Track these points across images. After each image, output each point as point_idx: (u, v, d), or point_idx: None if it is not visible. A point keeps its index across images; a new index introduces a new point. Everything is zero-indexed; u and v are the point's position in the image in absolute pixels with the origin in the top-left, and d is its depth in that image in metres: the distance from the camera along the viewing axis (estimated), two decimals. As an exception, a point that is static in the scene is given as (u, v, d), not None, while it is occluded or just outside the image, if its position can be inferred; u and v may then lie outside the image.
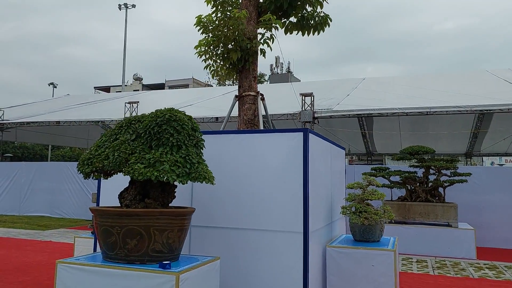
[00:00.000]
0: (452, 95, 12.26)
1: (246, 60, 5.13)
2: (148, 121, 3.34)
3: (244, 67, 5.18)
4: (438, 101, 11.69)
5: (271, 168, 3.95)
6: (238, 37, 4.91)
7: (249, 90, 5.17)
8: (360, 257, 4.21)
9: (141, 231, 3.14)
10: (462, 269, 7.13)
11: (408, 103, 11.33)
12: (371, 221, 4.33)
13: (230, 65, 5.12)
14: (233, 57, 5.00)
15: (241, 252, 3.96)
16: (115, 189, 4.54)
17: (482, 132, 20.24)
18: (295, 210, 3.82)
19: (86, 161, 3.31)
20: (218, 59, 5.29)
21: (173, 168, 3.15)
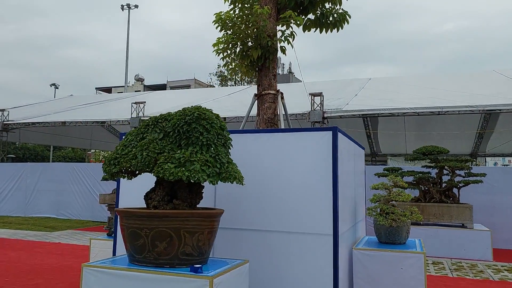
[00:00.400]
0: (462, 94, 12.15)
1: (266, 58, 5.02)
2: (177, 120, 3.23)
3: (264, 65, 5.07)
4: (449, 100, 11.58)
5: (298, 168, 3.83)
6: (259, 34, 4.80)
7: (269, 89, 5.06)
8: (388, 260, 4.10)
9: (171, 233, 3.02)
10: (480, 271, 7.01)
11: (419, 103, 11.22)
12: (399, 223, 4.22)
13: (250, 63, 5.01)
14: (254, 55, 4.89)
15: (267, 255, 3.84)
16: (135, 190, 4.43)
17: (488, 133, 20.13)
18: (324, 211, 3.70)
19: (112, 160, 3.20)
20: (236, 57, 5.18)
21: (204, 168, 3.04)
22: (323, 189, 3.72)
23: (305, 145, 3.83)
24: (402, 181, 4.53)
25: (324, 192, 3.72)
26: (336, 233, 3.65)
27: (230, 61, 5.28)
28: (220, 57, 5.26)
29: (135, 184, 4.43)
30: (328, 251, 3.66)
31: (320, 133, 3.78)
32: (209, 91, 23.05)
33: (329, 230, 3.67)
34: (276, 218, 3.86)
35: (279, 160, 3.90)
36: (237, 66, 5.29)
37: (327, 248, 3.67)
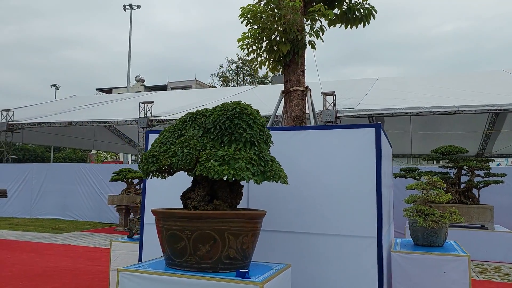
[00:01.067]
0: (474, 94, 11.99)
1: (295, 53, 4.84)
2: (217, 115, 3.04)
3: (292, 60, 4.89)
4: (461, 100, 11.42)
5: (338, 167, 3.65)
6: (288, 28, 4.62)
7: (297, 85, 4.88)
8: (430, 264, 3.91)
9: (214, 236, 2.84)
10: (506, 273, 6.83)
11: (432, 103, 11.06)
12: (440, 225, 4.03)
13: (279, 58, 4.83)
14: (283, 49, 4.71)
15: (306, 258, 3.66)
16: (161, 190, 4.25)
17: (494, 133, 19.97)
18: (367, 212, 3.52)
19: (150, 158, 3.01)
20: (263, 52, 5.00)
21: (248, 166, 2.85)
22: (366, 189, 3.54)
23: (346, 143, 3.65)
24: (440, 181, 4.35)
25: (367, 193, 3.54)
26: (380, 236, 3.47)
27: (256, 56, 5.10)
28: (245, 53, 5.08)
29: (161, 184, 4.25)
30: (372, 255, 3.48)
31: (363, 130, 3.60)
32: (216, 91, 22.88)
33: (372, 232, 3.49)
34: (315, 219, 3.67)
35: (317, 158, 3.72)
36: (262, 62, 5.11)
37: (371, 251, 3.48)
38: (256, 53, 5.08)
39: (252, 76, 46.11)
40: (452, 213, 4.17)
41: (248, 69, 46.76)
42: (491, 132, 19.58)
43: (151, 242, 4.24)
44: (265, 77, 46.52)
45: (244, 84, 45.75)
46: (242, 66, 47.17)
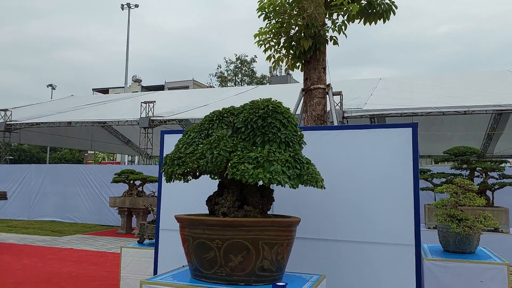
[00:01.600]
0: (483, 94, 11.81)
1: (316, 48, 4.61)
2: (248, 114, 2.80)
3: (314, 56, 4.66)
4: (470, 100, 11.23)
5: (372, 169, 3.41)
6: (310, 23, 4.38)
7: (318, 83, 4.65)
8: (466, 272, 3.68)
9: (248, 246, 2.59)
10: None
11: (438, 102, 10.86)
12: (475, 230, 3.81)
13: (299, 55, 4.59)
14: (305, 45, 4.47)
15: (337, 267, 3.41)
16: (176, 194, 4.00)
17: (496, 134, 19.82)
18: (404, 218, 3.28)
19: (176, 160, 2.76)
20: (282, 48, 4.76)
21: (284, 169, 2.61)
22: (403, 193, 3.31)
23: (380, 144, 3.41)
24: (473, 184, 4.13)
25: (404, 197, 3.30)
26: (418, 243, 3.23)
27: (274, 52, 4.86)
28: (262, 49, 4.84)
29: (176, 187, 4.00)
30: (409, 264, 3.24)
31: (398, 130, 3.37)
32: (217, 91, 22.63)
33: (410, 239, 3.25)
34: (346, 226, 3.44)
35: (348, 160, 3.48)
36: (280, 59, 4.87)
37: (409, 260, 3.24)
38: (274, 49, 4.84)
39: (250, 77, 45.89)
40: (485, 218, 3.94)
41: (247, 70, 46.53)
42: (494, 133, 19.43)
43: (167, 249, 3.99)
44: (263, 78, 46.33)
45: (242, 84, 45.49)
46: (240, 66, 46.92)
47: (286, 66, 4.89)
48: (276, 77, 58.31)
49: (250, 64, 45.76)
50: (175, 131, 4.18)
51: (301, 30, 4.52)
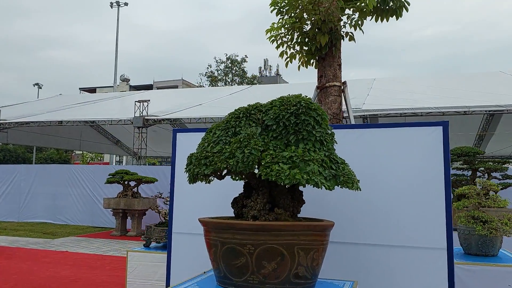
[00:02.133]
0: (482, 94, 11.84)
1: (332, 45, 4.46)
2: (279, 110, 2.62)
3: (329, 53, 4.50)
4: (468, 100, 11.24)
5: (400, 169, 3.27)
6: (330, 18, 4.23)
7: (334, 80, 4.50)
8: (493, 276, 3.56)
9: (282, 251, 2.42)
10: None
11: (436, 103, 10.83)
12: (502, 233, 3.70)
13: (315, 51, 4.43)
14: (322, 41, 4.32)
15: (364, 272, 3.26)
16: (188, 195, 3.81)
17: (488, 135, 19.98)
18: (435, 221, 3.14)
19: (203, 160, 2.57)
20: (295, 44, 4.60)
21: (320, 169, 2.44)
22: (434, 194, 3.16)
23: (408, 143, 3.27)
24: (496, 184, 4.03)
25: (435, 198, 3.16)
26: (450, 247, 3.10)
27: (286, 48, 4.70)
28: (275, 45, 4.67)
29: (188, 188, 3.81)
30: (441, 268, 3.10)
31: (428, 128, 3.23)
32: (211, 90, 22.40)
33: (442, 243, 3.11)
34: (373, 229, 3.28)
35: (375, 160, 3.33)
36: (293, 56, 4.71)
37: (440, 264, 3.11)
38: (287, 45, 4.68)
39: (241, 77, 45.70)
40: (510, 219, 3.84)
41: (237, 69, 46.33)
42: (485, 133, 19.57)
43: (180, 253, 3.80)
44: (254, 78, 46.18)
45: (232, 84, 45.27)
46: (230, 66, 46.70)
47: (299, 63, 4.72)
48: (266, 77, 58.31)
49: (240, 64, 45.56)
50: (188, 129, 3.99)
51: (316, 25, 4.36)
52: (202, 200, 3.77)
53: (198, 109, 14.51)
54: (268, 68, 65.55)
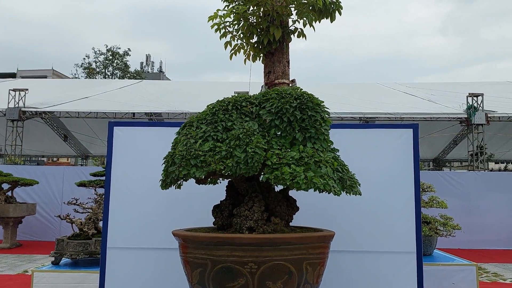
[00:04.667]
0: (382, 103, 12.93)
1: (284, 40, 4.21)
2: (281, 103, 2.26)
3: (279, 48, 4.24)
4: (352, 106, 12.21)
5: (370, 172, 3.15)
6: (285, 11, 3.97)
7: (283, 77, 4.25)
8: (439, 275, 3.70)
9: (290, 268, 2.06)
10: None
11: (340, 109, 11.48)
12: (441, 233, 3.87)
13: (266, 45, 4.13)
14: (276, 34, 4.03)
15: (334, 280, 3.07)
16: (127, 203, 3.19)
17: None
18: (405, 225, 3.11)
19: (192, 160, 2.07)
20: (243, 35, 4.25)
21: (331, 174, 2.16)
22: (404, 197, 3.13)
23: (379, 145, 3.19)
24: (432, 185, 4.23)
25: (404, 202, 3.13)
26: (420, 250, 3.08)
27: (231, 39, 4.31)
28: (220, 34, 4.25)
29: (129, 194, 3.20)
30: (411, 272, 3.07)
31: (399, 130, 3.18)
32: (99, 83, 20.41)
33: (411, 247, 3.09)
34: (344, 234, 3.10)
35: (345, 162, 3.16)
36: (238, 49, 4.35)
37: (410, 268, 3.07)
38: (232, 35, 4.29)
39: (123, 70, 42.97)
40: (447, 220, 4.06)
41: (119, 63, 43.49)
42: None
43: (117, 272, 3.14)
44: (137, 73, 43.84)
45: (113, 77, 42.30)
46: (111, 58, 43.60)
47: (245, 57, 4.38)
48: (149, 74, 55.95)
49: (123, 58, 42.79)
50: (128, 123, 3.34)
51: (271, 17, 4.07)
52: (148, 207, 3.17)
53: (86, 102, 13.02)
54: (151, 64, 63.19)
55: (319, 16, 4.96)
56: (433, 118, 11.81)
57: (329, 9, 4.96)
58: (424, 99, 13.93)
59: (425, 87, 17.05)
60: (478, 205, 9.65)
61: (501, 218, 9.67)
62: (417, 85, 18.24)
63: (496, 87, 15.93)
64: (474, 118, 11.46)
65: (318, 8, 4.49)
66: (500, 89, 15.44)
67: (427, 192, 4.18)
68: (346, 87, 18.38)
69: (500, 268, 7.59)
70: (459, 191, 9.61)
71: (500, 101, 12.77)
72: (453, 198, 8.26)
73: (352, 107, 12.45)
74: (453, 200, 6.90)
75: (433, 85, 17.90)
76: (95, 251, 3.92)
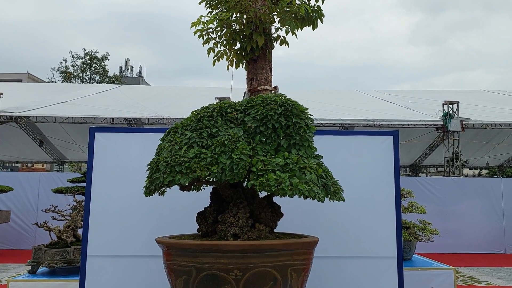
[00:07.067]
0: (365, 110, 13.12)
1: (267, 47, 4.24)
2: (266, 110, 2.28)
3: (262, 56, 4.27)
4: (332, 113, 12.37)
5: (351, 179, 3.19)
6: (268, 18, 4.01)
7: (266, 84, 4.27)
8: (418, 279, 3.77)
9: (275, 275, 2.07)
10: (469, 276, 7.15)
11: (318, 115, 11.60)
12: (420, 238, 3.94)
13: (249, 51, 4.15)
14: (259, 41, 4.06)
15: (316, 285, 3.09)
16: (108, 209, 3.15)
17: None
18: (386, 230, 3.15)
19: (177, 166, 2.06)
20: (224, 41, 4.27)
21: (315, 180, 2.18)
22: (385, 203, 3.18)
23: (360, 152, 3.24)
24: (411, 191, 4.31)
25: (386, 208, 3.18)
26: (400, 255, 3.14)
27: (214, 46, 4.32)
28: (203, 40, 4.25)
29: (110, 200, 3.15)
30: (391, 277, 3.12)
31: (380, 137, 3.24)
32: (76, 87, 20.02)
33: (392, 252, 3.14)
34: (325, 240, 3.13)
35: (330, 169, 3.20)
36: (221, 55, 4.36)
37: (391, 273, 3.12)
38: (215, 42, 4.30)
39: (101, 75, 42.36)
40: (426, 225, 4.14)
41: (97, 67, 42.85)
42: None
43: (98, 281, 3.08)
44: (116, 77, 43.29)
45: (91, 82, 41.63)
46: (89, 62, 42.95)
47: (228, 63, 4.38)
48: (128, 78, 55.33)
49: (101, 62, 42.20)
50: (110, 129, 3.30)
51: (254, 25, 4.10)
52: (129, 215, 3.13)
53: (63, 107, 12.77)
54: (130, 68, 62.57)
55: (301, 24, 5.02)
56: (411, 125, 12.07)
57: (311, 17, 5.03)
58: (401, 106, 14.23)
59: (402, 94, 17.42)
60: (453, 210, 9.91)
61: (475, 223, 9.94)
62: (395, 92, 18.62)
63: (471, 95, 16.42)
64: (450, 125, 11.77)
65: (300, 16, 4.55)
66: (474, 97, 15.92)
67: (406, 198, 4.26)
68: (325, 94, 18.59)
69: (475, 271, 7.78)
70: (435, 197, 9.85)
71: (474, 109, 13.16)
72: (430, 204, 8.48)
73: (332, 114, 12.61)
74: (430, 206, 7.07)
75: (410, 93, 18.31)
76: (74, 260, 3.83)
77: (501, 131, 13.72)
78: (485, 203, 10.05)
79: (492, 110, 13.39)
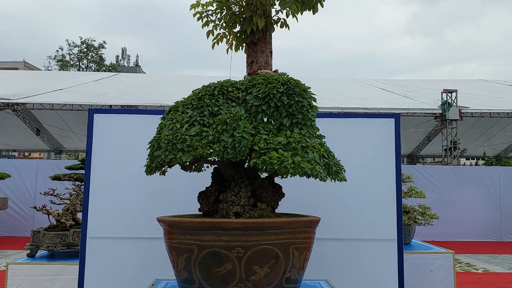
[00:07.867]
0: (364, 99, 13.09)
1: (267, 29, 4.19)
2: (268, 89, 2.25)
3: (262, 38, 4.21)
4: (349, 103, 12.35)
5: (352, 161, 3.17)
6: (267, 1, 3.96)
7: (266, 67, 4.23)
8: (417, 263, 3.78)
9: (277, 252, 2.06)
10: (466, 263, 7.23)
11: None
12: (419, 222, 3.95)
13: (249, 34, 4.10)
14: (259, 24, 4.00)
15: (317, 267, 3.09)
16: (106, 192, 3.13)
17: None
18: (386, 213, 3.16)
19: (179, 144, 2.03)
20: (223, 24, 4.22)
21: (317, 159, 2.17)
22: (385, 186, 3.18)
23: (362, 134, 3.22)
24: (411, 176, 4.31)
25: (386, 190, 3.18)
26: (400, 238, 3.14)
27: (214, 28, 4.27)
28: (202, 22, 4.20)
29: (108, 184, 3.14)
30: (391, 259, 3.13)
31: (381, 120, 3.23)
32: (73, 75, 19.88)
33: (392, 234, 3.14)
34: (326, 222, 3.13)
35: (330, 151, 3.19)
36: (220, 37, 4.31)
37: (391, 255, 3.13)
38: (215, 24, 4.24)
39: (98, 63, 42.07)
40: (425, 209, 4.15)
41: (94, 55, 42.53)
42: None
43: (98, 263, 3.07)
44: (113, 66, 43.01)
45: (87, 70, 41.35)
46: (86, 51, 42.63)
47: (228, 46, 4.33)
48: (124, 67, 55.00)
49: (98, 50, 41.88)
50: (108, 110, 3.27)
51: (253, 6, 4.05)
52: (129, 196, 3.12)
53: (61, 94, 12.68)
54: (127, 57, 62.15)
55: (302, 8, 4.96)
56: (410, 113, 12.06)
57: (311, 1, 4.97)
58: (400, 95, 14.20)
59: (401, 83, 17.38)
60: (451, 199, 9.97)
61: (472, 211, 10.00)
62: (393, 81, 18.58)
63: (469, 85, 16.40)
64: (448, 114, 11.77)
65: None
66: (473, 87, 15.90)
67: (406, 183, 4.26)
68: (324, 83, 18.52)
69: (472, 258, 7.84)
70: (433, 185, 9.90)
71: (473, 98, 13.15)
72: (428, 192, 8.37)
73: (331, 102, 12.58)
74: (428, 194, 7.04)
75: (408, 82, 18.27)
76: (73, 243, 3.82)
77: (499, 121, 13.74)
78: (482, 192, 10.10)
79: (491, 99, 13.39)
